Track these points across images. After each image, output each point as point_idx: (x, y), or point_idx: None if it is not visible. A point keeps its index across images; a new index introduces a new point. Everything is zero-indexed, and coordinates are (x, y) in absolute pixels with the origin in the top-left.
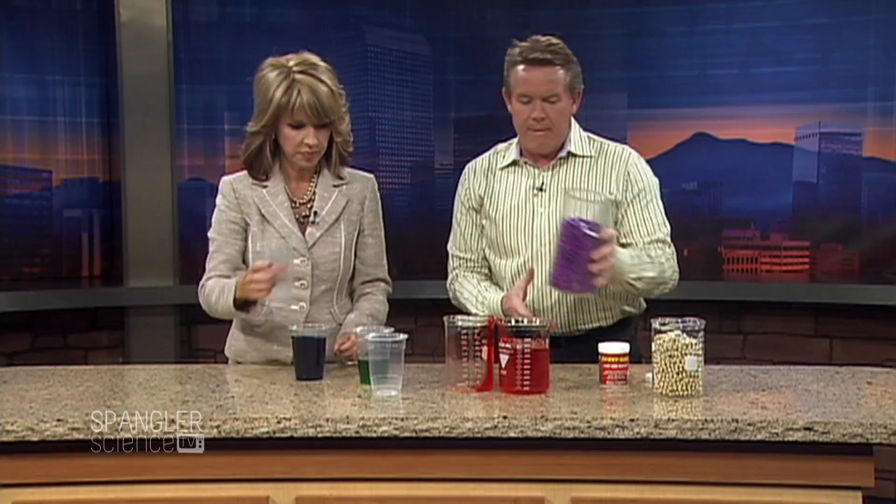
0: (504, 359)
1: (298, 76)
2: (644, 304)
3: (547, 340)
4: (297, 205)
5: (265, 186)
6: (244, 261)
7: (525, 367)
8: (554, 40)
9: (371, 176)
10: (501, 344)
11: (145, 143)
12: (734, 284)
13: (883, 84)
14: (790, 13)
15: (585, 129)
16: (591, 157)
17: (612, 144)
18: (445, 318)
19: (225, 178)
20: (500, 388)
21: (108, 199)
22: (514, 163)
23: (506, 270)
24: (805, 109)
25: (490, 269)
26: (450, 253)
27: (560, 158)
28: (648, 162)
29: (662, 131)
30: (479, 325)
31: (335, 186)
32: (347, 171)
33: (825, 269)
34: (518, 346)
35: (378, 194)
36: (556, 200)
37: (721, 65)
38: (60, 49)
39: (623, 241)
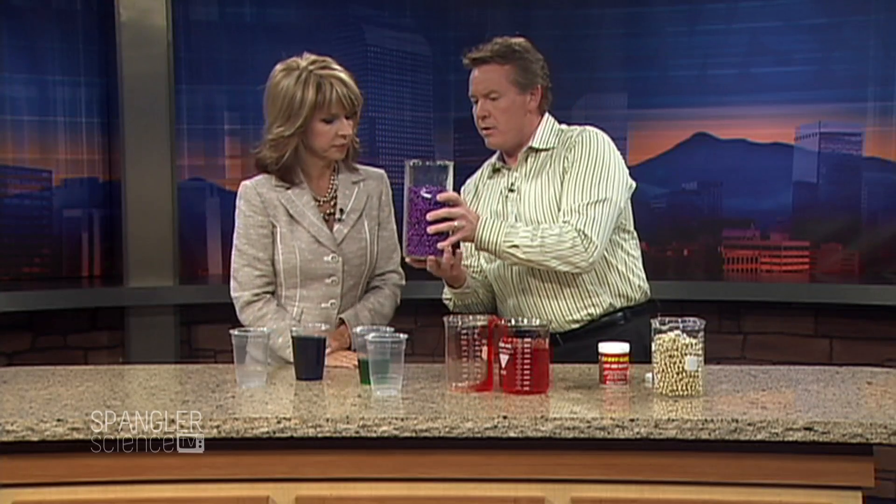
0: (504, 359)
1: (321, 72)
2: (638, 296)
3: (547, 340)
4: (321, 202)
5: (288, 188)
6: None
7: (525, 366)
8: (511, 40)
9: (382, 171)
10: (501, 344)
11: (145, 143)
12: (734, 284)
13: (883, 84)
14: (790, 13)
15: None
16: (553, 148)
17: (574, 128)
18: (445, 319)
19: (246, 183)
20: (501, 388)
21: (108, 199)
22: (496, 169)
23: (490, 273)
24: (805, 109)
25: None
26: None
27: (524, 155)
28: (648, 162)
29: (662, 131)
30: (479, 324)
31: (354, 183)
32: (360, 167)
33: (825, 269)
34: (518, 346)
35: (391, 188)
36: (526, 197)
37: (721, 65)
38: (60, 49)
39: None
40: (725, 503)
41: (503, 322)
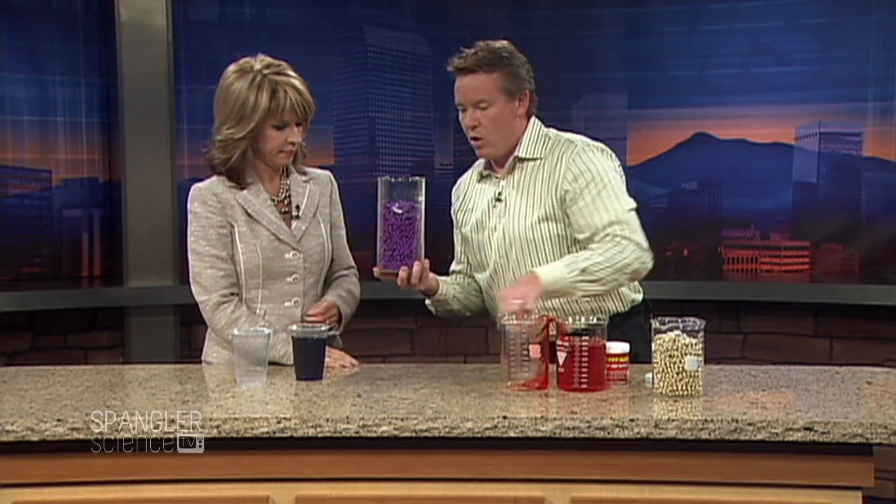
0: (562, 357)
1: (276, 78)
2: (628, 308)
3: (604, 338)
4: (276, 202)
5: (242, 188)
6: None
7: (583, 365)
8: (494, 44)
9: (329, 172)
10: (559, 342)
11: (145, 143)
12: (734, 284)
13: (883, 84)
14: (790, 13)
15: (576, 130)
16: (540, 158)
17: (563, 139)
18: (499, 318)
19: (199, 185)
20: (557, 386)
21: (108, 199)
22: (483, 175)
23: (482, 282)
24: (805, 109)
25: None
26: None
27: (511, 165)
28: (648, 162)
29: (662, 131)
30: (530, 323)
31: (305, 182)
32: (307, 169)
33: (825, 269)
34: (576, 345)
35: (338, 189)
36: (513, 209)
37: (721, 65)
38: (60, 49)
39: (580, 234)
40: (725, 503)
41: (560, 321)
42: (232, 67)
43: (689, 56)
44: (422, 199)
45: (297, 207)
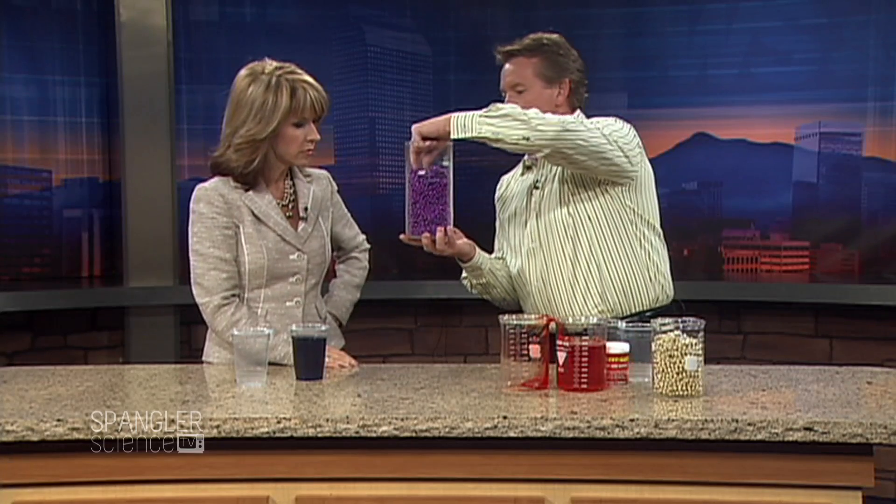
0: (561, 357)
1: (292, 77)
2: (661, 299)
3: (605, 337)
4: (280, 205)
5: (247, 189)
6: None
7: (583, 365)
8: (543, 34)
9: (327, 172)
10: (559, 342)
11: (145, 143)
12: (734, 284)
13: (883, 84)
14: (790, 13)
15: None
16: None
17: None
18: (500, 317)
19: (204, 186)
20: (557, 386)
21: (108, 199)
22: (527, 166)
23: (513, 270)
24: (805, 109)
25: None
26: None
27: None
28: (648, 162)
29: (662, 131)
30: (529, 323)
31: (308, 183)
32: (307, 169)
33: (825, 269)
34: (576, 345)
35: (336, 186)
36: (549, 195)
37: (721, 65)
38: (60, 49)
39: None
40: (725, 503)
41: (559, 320)
42: (243, 72)
43: (689, 56)
44: (448, 163)
45: (305, 209)
